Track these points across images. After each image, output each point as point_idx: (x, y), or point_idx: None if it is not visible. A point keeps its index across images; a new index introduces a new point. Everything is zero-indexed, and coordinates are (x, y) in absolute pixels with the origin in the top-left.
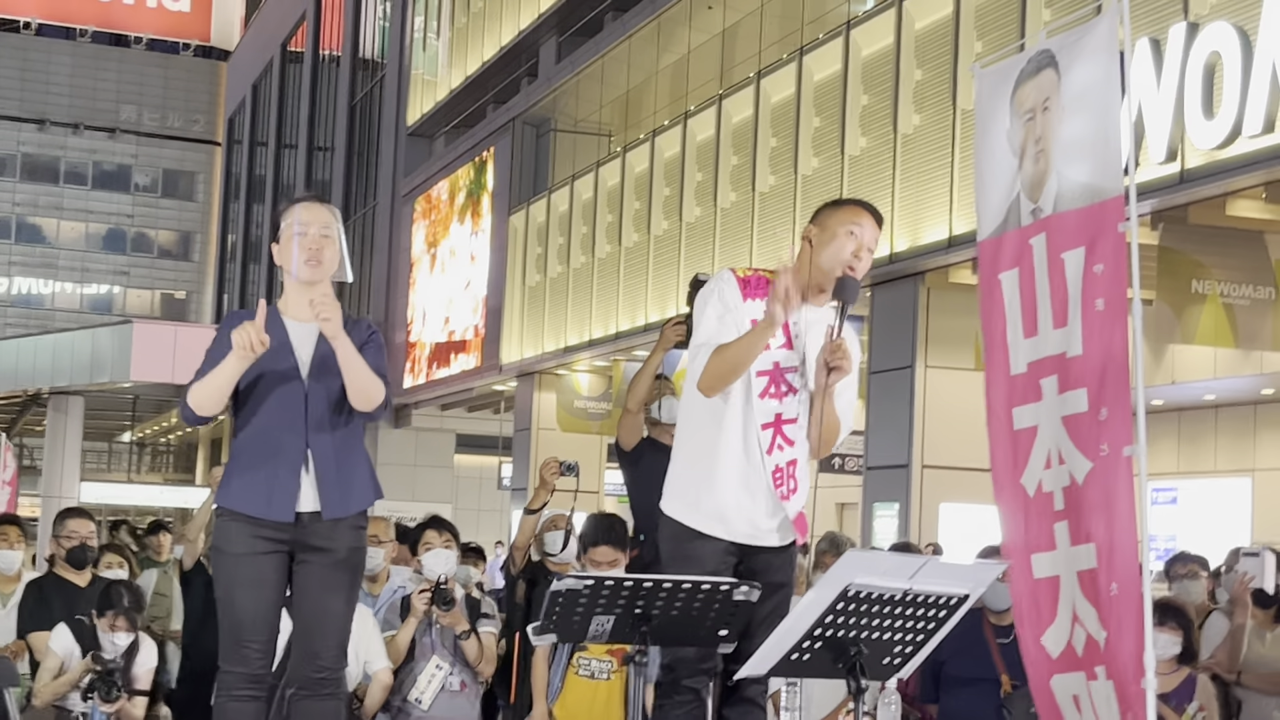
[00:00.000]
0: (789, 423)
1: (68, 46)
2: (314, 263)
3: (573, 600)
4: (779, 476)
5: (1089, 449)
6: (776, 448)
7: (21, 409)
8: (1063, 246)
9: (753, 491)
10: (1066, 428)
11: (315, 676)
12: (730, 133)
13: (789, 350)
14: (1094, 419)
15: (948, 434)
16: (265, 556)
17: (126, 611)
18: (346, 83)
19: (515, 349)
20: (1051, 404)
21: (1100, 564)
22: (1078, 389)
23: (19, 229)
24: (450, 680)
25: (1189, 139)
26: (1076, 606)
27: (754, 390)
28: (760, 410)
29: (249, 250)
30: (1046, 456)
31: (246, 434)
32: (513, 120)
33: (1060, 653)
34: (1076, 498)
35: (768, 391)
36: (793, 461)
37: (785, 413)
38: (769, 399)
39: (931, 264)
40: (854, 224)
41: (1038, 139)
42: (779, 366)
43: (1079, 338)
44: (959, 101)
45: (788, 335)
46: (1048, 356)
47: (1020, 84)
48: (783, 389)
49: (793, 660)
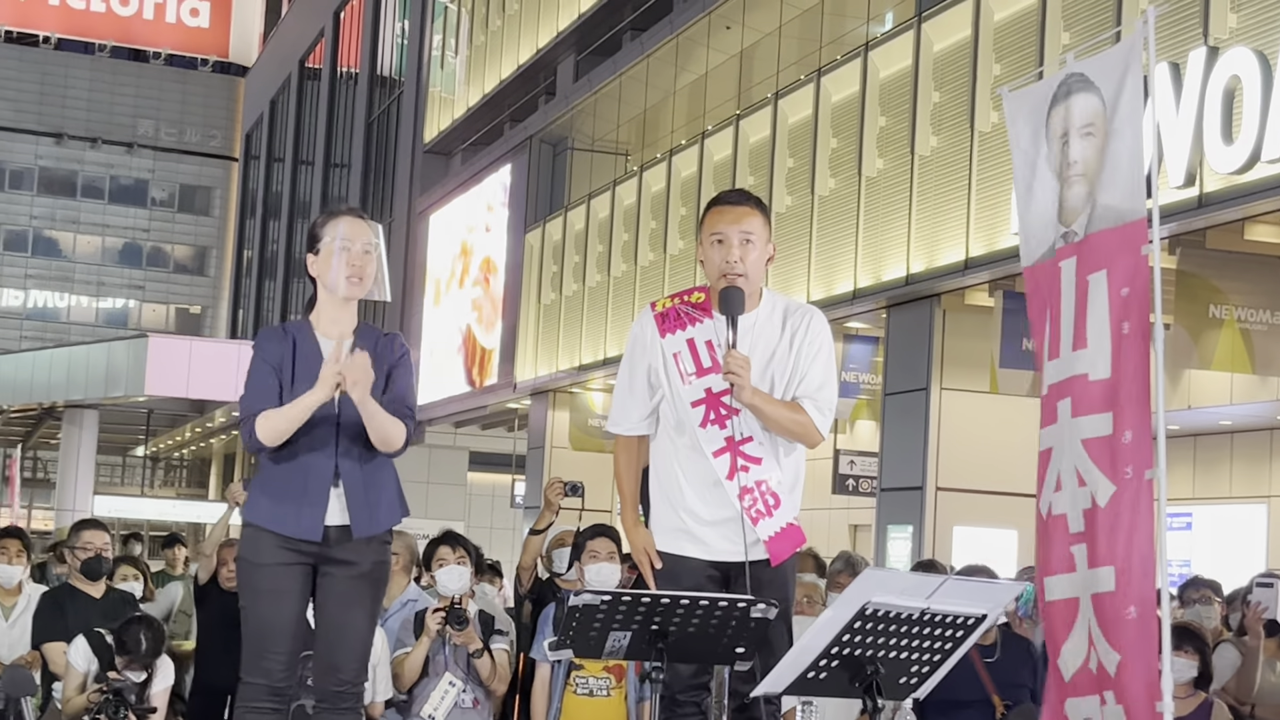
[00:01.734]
0: (745, 442)
1: (86, 61)
2: (356, 279)
3: (590, 616)
4: (748, 498)
5: (1112, 471)
6: (739, 469)
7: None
8: (1089, 269)
9: (720, 518)
10: (1087, 450)
11: (336, 690)
12: (747, 153)
13: (718, 374)
14: (1118, 442)
15: (962, 456)
16: (289, 568)
17: (141, 658)
18: (364, 100)
19: (530, 367)
20: (1066, 427)
21: (1119, 587)
22: (1103, 412)
23: (36, 242)
24: (463, 697)
25: (1208, 163)
26: (1092, 630)
27: (693, 422)
28: (707, 439)
29: (265, 266)
30: (1058, 479)
31: (277, 451)
32: (530, 138)
33: (1073, 675)
34: (1095, 520)
35: (708, 420)
36: (761, 481)
37: (736, 434)
38: (711, 426)
39: (947, 286)
40: (714, 232)
41: (1072, 163)
42: (711, 392)
43: (1105, 360)
44: (976, 124)
45: (714, 359)
46: (1066, 379)
47: (1053, 107)
48: (722, 412)
49: (809, 679)
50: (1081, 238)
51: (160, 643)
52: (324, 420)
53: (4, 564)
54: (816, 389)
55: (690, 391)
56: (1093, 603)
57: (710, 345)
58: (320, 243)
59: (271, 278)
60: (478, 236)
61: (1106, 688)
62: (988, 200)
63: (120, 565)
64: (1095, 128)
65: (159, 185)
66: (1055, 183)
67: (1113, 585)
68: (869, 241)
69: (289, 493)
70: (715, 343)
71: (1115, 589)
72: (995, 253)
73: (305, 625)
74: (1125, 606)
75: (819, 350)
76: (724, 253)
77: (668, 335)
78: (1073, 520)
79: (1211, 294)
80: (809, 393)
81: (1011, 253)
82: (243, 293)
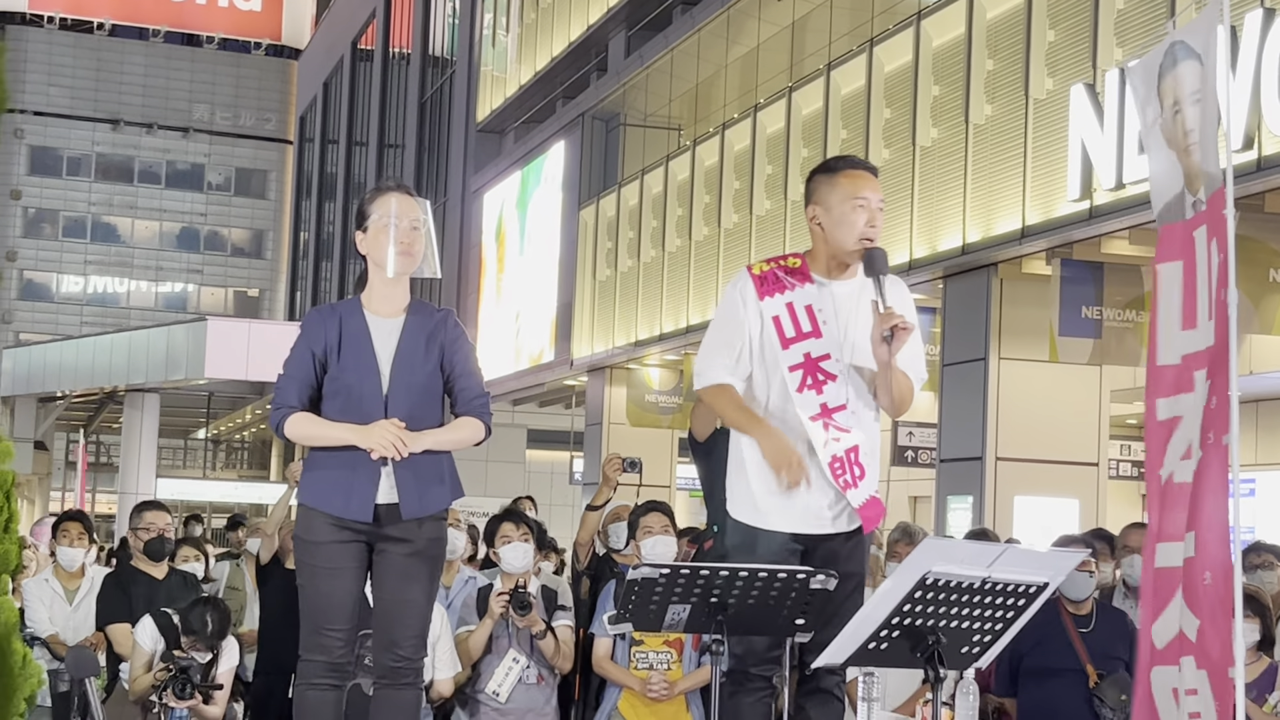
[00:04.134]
0: (838, 410)
1: (141, 47)
2: (404, 255)
3: (649, 589)
4: (838, 466)
5: (1204, 438)
6: (831, 439)
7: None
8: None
9: (811, 487)
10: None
11: (394, 665)
12: (800, 125)
13: (818, 339)
14: (1208, 408)
15: (1022, 426)
16: (345, 545)
17: (207, 639)
18: (416, 80)
19: (586, 344)
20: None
21: (1198, 553)
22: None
23: (94, 229)
24: (527, 673)
25: (1266, 126)
26: (1183, 596)
27: (790, 387)
28: (803, 404)
29: (321, 248)
30: (1187, 447)
31: None
32: (582, 115)
33: (1166, 644)
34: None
35: (805, 385)
36: (853, 449)
37: (830, 401)
38: (808, 391)
39: (1004, 255)
40: (855, 197)
41: (1189, 131)
42: (810, 357)
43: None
44: (1031, 91)
45: (814, 322)
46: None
47: (1162, 78)
48: (820, 378)
49: (870, 649)
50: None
51: (225, 624)
52: (372, 401)
53: (66, 546)
54: (913, 359)
55: (788, 356)
56: (1184, 568)
57: (810, 310)
58: (368, 220)
59: (328, 259)
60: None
61: (1187, 653)
62: (1043, 168)
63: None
64: (1202, 93)
65: (215, 169)
66: (1171, 152)
67: (1194, 551)
68: (924, 211)
69: (340, 474)
70: (815, 306)
71: (1195, 554)
72: (1052, 220)
73: (364, 603)
74: (1202, 572)
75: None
76: (868, 216)
77: (766, 299)
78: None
79: (1271, 258)
80: (904, 365)
81: (1068, 220)
82: (300, 274)
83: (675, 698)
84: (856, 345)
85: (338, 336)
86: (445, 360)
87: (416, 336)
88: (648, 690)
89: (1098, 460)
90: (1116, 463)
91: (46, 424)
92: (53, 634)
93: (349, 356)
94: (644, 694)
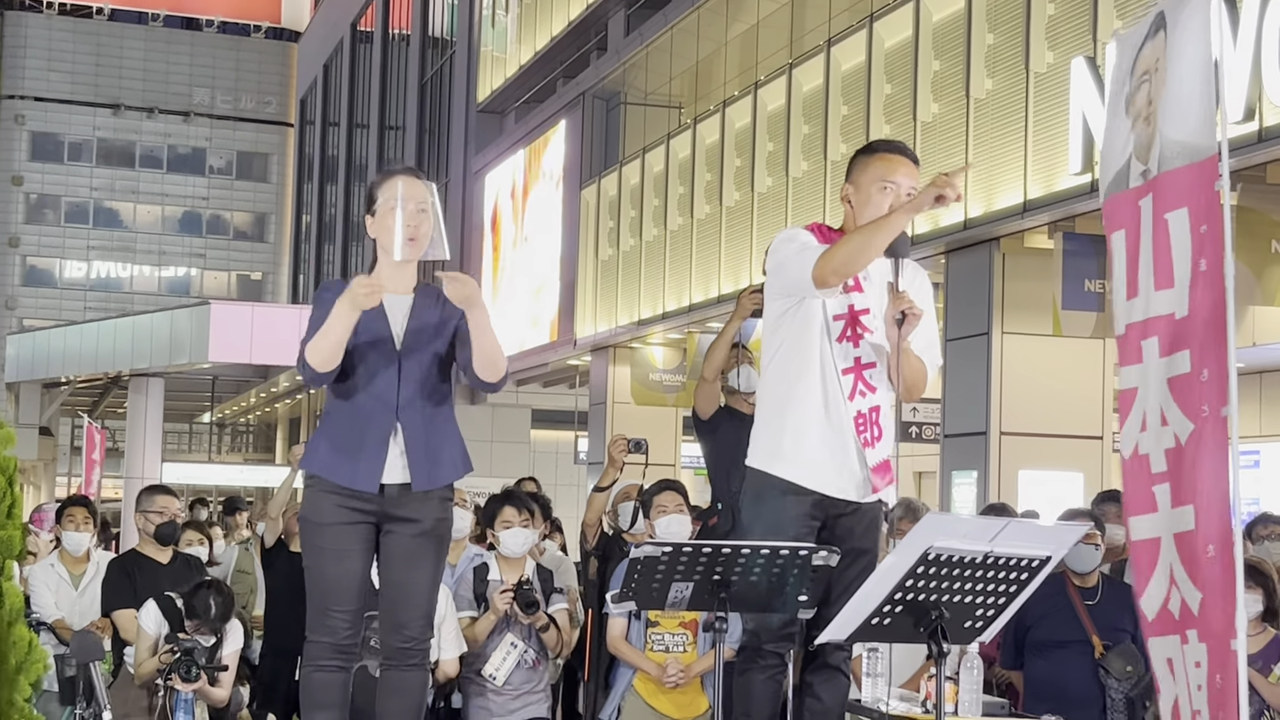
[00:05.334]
0: (868, 367)
1: (140, 31)
2: (412, 239)
3: (651, 567)
4: (861, 423)
5: (1191, 410)
6: (859, 394)
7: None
8: (1167, 207)
9: (837, 437)
10: (1171, 389)
11: (401, 647)
12: (801, 102)
13: (860, 293)
14: (1196, 380)
15: (1026, 400)
16: (352, 526)
17: (211, 623)
18: (416, 61)
19: (589, 323)
20: (1154, 366)
21: (1198, 526)
22: (1182, 350)
23: (96, 214)
24: (525, 658)
25: (1267, 96)
26: (1174, 569)
27: (832, 335)
28: (840, 355)
29: (324, 230)
30: (1143, 419)
31: (338, 402)
32: (582, 94)
33: (1155, 615)
34: (1179, 459)
35: (845, 335)
36: (875, 408)
37: (864, 357)
38: (846, 343)
39: (1006, 229)
40: (886, 179)
41: (1149, 101)
42: (853, 310)
43: (1186, 299)
44: (1031, 65)
45: (858, 279)
46: (1152, 318)
47: (1141, 48)
48: (859, 331)
49: (873, 625)
50: (1156, 175)
51: (229, 607)
52: (385, 373)
53: (71, 531)
54: (928, 345)
55: (835, 304)
56: (1175, 542)
57: None
58: (376, 204)
59: (331, 241)
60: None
61: (1190, 626)
62: (1044, 142)
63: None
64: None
65: (216, 153)
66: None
67: (1193, 524)
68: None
69: (348, 444)
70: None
71: (1195, 528)
72: (1054, 194)
73: (369, 584)
74: (1205, 545)
75: (929, 308)
76: (894, 200)
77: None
78: (1155, 460)
79: (1273, 229)
80: (920, 349)
81: (1070, 193)
82: (302, 257)
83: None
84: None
85: None
86: (459, 333)
87: (428, 313)
88: (665, 678)
89: (1102, 433)
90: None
91: (51, 409)
92: (58, 619)
93: (364, 331)
94: (660, 680)
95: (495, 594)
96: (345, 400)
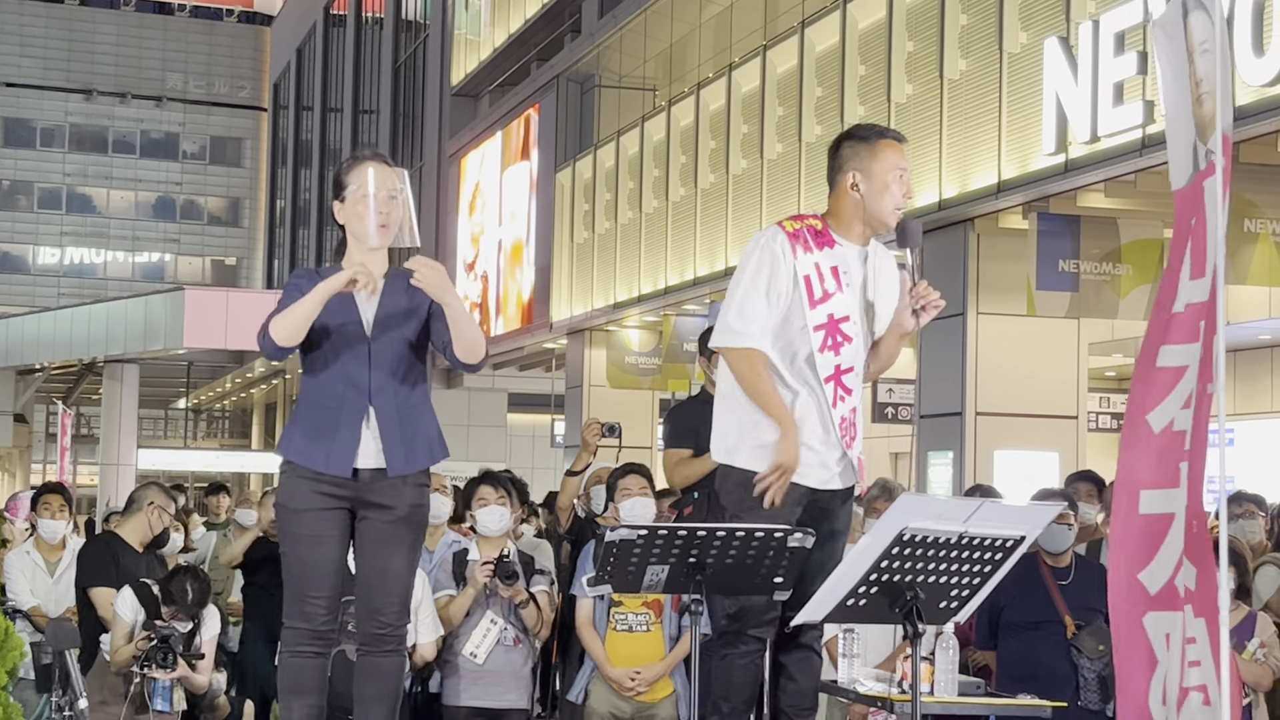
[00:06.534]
0: (847, 373)
1: (112, 16)
2: (382, 226)
3: (627, 550)
4: (844, 426)
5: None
6: (839, 399)
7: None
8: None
9: (822, 445)
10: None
11: (377, 633)
12: (776, 83)
13: (841, 300)
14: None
15: (1001, 381)
16: (327, 513)
17: (188, 609)
18: (390, 44)
19: (565, 306)
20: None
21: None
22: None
23: (70, 200)
24: (504, 635)
25: (1239, 76)
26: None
27: (814, 345)
28: (822, 364)
29: (298, 215)
30: (1189, 396)
31: (310, 388)
32: (557, 77)
33: (1159, 590)
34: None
35: (825, 345)
36: (854, 410)
37: (843, 363)
38: (828, 352)
39: (981, 210)
40: (899, 167)
41: (1200, 80)
42: (833, 319)
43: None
44: (1005, 45)
45: (839, 284)
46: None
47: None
48: (839, 340)
49: (849, 606)
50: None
51: (206, 593)
52: (356, 358)
53: (47, 519)
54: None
55: (815, 316)
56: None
57: (836, 271)
58: (346, 190)
59: (305, 226)
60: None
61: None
62: (1018, 122)
63: None
64: (1210, 43)
65: (189, 138)
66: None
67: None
68: None
69: (321, 429)
70: (840, 269)
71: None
72: (1028, 175)
73: (346, 570)
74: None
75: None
76: (905, 187)
77: (800, 255)
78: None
79: (1246, 208)
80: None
81: (1044, 174)
82: (277, 242)
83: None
84: (865, 310)
85: None
86: (432, 315)
87: (398, 298)
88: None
89: (1077, 413)
90: (1096, 415)
91: (25, 396)
92: (34, 606)
93: (333, 316)
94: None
95: (475, 568)
96: (318, 387)
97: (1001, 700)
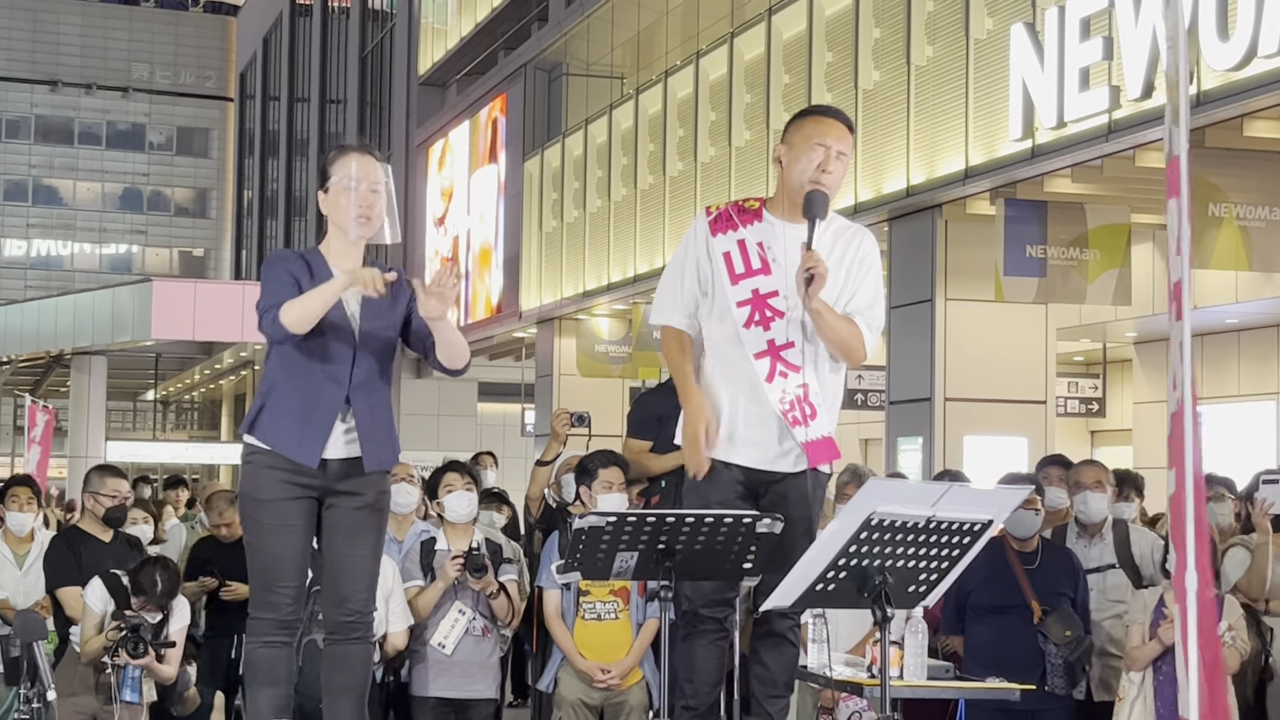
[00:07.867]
0: (786, 348)
1: (77, 6)
2: (364, 219)
3: (596, 538)
4: (787, 404)
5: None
6: (778, 374)
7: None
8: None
9: (757, 422)
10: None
11: (345, 620)
12: (743, 71)
13: (767, 275)
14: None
15: (970, 366)
16: (293, 502)
17: (157, 599)
18: (357, 34)
19: (534, 295)
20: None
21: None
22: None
23: (36, 191)
24: (473, 625)
25: (1205, 60)
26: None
27: (738, 321)
28: (750, 340)
29: (265, 205)
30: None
31: (286, 377)
32: (524, 66)
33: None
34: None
35: (752, 320)
36: (804, 386)
37: (778, 338)
38: (755, 328)
39: (949, 196)
40: (819, 138)
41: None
42: (758, 294)
43: None
44: (971, 31)
45: (764, 260)
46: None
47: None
48: (767, 314)
49: (817, 591)
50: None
51: (175, 583)
52: (341, 352)
53: (15, 511)
54: (866, 307)
55: (737, 292)
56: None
57: (761, 246)
58: (330, 180)
59: (273, 217)
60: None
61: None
62: (985, 108)
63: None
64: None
65: (156, 129)
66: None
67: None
68: (868, 154)
69: (295, 418)
70: (765, 244)
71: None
72: (995, 160)
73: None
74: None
75: (870, 269)
76: (821, 159)
77: (719, 235)
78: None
79: (1210, 192)
80: (859, 309)
81: (1011, 159)
82: (245, 233)
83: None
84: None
85: (308, 277)
86: (413, 319)
87: (384, 300)
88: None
89: (1045, 398)
90: (1064, 400)
91: None
92: (2, 599)
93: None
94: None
95: (445, 561)
96: (296, 373)
97: (970, 684)
